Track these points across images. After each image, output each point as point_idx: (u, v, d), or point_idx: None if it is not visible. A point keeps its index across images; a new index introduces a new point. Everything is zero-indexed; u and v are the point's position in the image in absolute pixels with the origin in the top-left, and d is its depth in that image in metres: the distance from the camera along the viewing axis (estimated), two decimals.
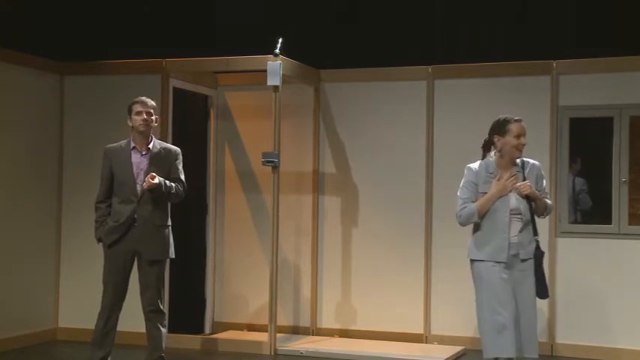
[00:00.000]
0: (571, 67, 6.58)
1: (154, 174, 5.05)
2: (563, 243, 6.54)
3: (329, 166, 7.22)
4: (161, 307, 5.25)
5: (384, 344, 6.71)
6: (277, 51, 6.33)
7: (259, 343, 6.52)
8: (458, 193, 4.77)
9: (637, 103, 6.36)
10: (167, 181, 5.15)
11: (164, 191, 5.10)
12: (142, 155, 5.18)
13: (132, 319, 5.79)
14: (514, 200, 4.63)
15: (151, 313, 5.20)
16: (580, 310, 6.49)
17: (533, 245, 4.65)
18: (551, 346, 6.54)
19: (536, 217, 4.70)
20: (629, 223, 6.32)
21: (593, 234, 6.47)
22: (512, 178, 4.62)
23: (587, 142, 6.64)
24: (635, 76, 6.39)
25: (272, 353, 6.41)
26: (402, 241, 6.97)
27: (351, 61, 7.19)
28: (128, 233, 5.12)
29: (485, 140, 4.81)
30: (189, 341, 6.71)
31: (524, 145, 4.70)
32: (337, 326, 7.13)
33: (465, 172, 4.80)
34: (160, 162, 5.20)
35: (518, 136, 4.67)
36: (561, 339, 6.53)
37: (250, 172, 7.29)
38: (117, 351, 5.29)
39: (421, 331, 6.88)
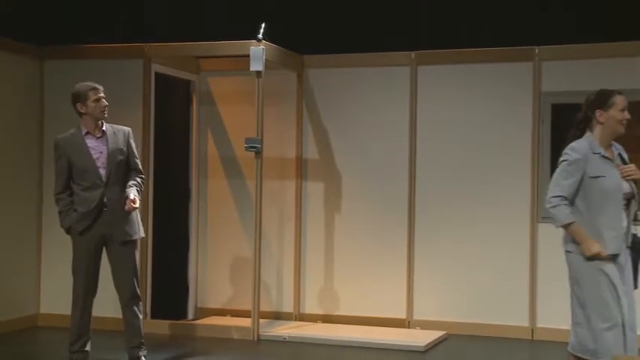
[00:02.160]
0: (553, 54, 6.64)
1: (132, 198, 5.05)
2: (544, 228, 6.59)
3: (312, 152, 7.25)
4: (138, 292, 5.25)
5: (366, 329, 6.76)
6: (260, 36, 6.33)
7: (242, 329, 6.55)
8: (554, 178, 4.31)
9: (619, 89, 6.31)
10: (138, 189, 5.18)
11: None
12: (97, 139, 5.16)
13: (109, 304, 5.82)
14: (626, 184, 4.23)
15: (129, 300, 5.20)
16: (560, 295, 6.55)
17: (632, 232, 4.27)
18: (532, 330, 6.64)
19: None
20: None
21: None
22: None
23: (568, 128, 6.67)
24: (616, 62, 6.45)
25: (255, 339, 6.44)
26: (385, 227, 7.02)
27: (334, 46, 7.18)
28: (99, 218, 5.10)
29: (579, 117, 4.39)
30: (173, 327, 6.74)
31: (628, 119, 4.29)
32: (320, 312, 7.18)
33: (568, 154, 4.27)
34: (117, 143, 5.19)
35: (623, 110, 4.26)
36: (542, 323, 6.62)
37: (233, 158, 7.31)
38: (93, 337, 5.31)
39: (404, 317, 6.95)
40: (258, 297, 6.49)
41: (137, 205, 5.08)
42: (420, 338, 6.43)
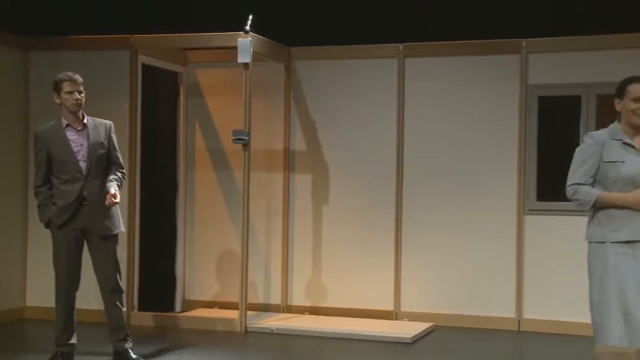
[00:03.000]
0: (540, 46, 6.68)
1: (113, 192, 5.01)
2: (530, 220, 6.67)
3: (300, 144, 7.26)
4: (120, 285, 5.22)
5: (354, 321, 6.79)
6: (248, 28, 6.33)
7: (230, 321, 6.57)
8: (570, 168, 4.27)
9: (604, 82, 6.40)
10: (119, 183, 5.15)
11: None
12: (77, 131, 5.11)
13: (93, 297, 5.77)
14: None
15: (111, 293, 5.17)
16: (547, 287, 6.63)
17: None
18: (519, 321, 6.69)
19: None
20: None
21: (560, 211, 6.54)
22: None
23: (555, 120, 6.74)
24: (603, 55, 6.49)
25: (243, 331, 6.46)
26: (373, 220, 7.04)
27: (322, 38, 7.17)
28: (79, 212, 5.05)
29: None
30: (160, 319, 6.75)
31: None
32: (308, 304, 7.20)
33: (583, 141, 4.28)
34: (98, 136, 5.15)
35: (637, 100, 4.08)
36: (528, 314, 6.67)
37: (221, 150, 7.31)
38: (78, 329, 5.32)
39: (391, 308, 6.98)
40: (246, 289, 6.50)
41: (117, 200, 5.03)
42: (408, 330, 6.46)
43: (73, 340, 5.19)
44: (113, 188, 5.05)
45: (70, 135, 5.10)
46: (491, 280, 6.75)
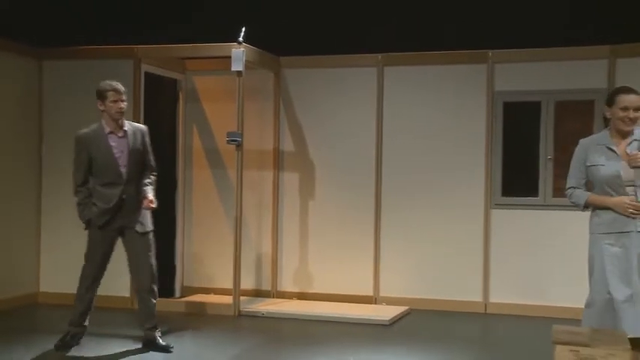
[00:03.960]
0: (505, 57, 6.75)
1: (151, 198, 5.02)
2: (496, 214, 6.77)
3: (288, 145, 7.29)
4: (156, 277, 5.18)
5: (337, 305, 6.82)
6: (241, 39, 6.35)
7: (225, 305, 6.59)
8: (569, 171, 4.30)
9: (562, 89, 6.58)
10: (153, 187, 5.14)
11: None
12: (119, 138, 5.06)
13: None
14: (626, 170, 4.09)
15: (149, 287, 5.15)
16: (511, 273, 6.72)
17: None
18: (485, 304, 6.79)
19: None
20: (554, 196, 6.53)
21: (523, 205, 6.69)
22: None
23: (518, 124, 6.78)
24: (561, 65, 6.60)
25: (236, 314, 6.49)
26: (355, 213, 7.09)
27: (309, 48, 7.21)
28: (117, 213, 5.02)
29: (604, 112, 4.29)
30: (162, 304, 6.47)
31: (632, 118, 4.09)
32: (295, 290, 7.24)
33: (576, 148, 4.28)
34: (137, 142, 5.11)
35: (625, 109, 4.08)
36: (494, 298, 6.77)
37: (216, 150, 7.34)
38: (92, 313, 5.32)
39: (371, 294, 7.04)
40: (239, 276, 6.52)
41: (155, 205, 5.04)
42: (386, 313, 6.49)
43: (86, 323, 5.19)
44: (151, 194, 5.04)
45: (112, 141, 5.03)
46: (461, 268, 6.82)
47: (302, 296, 7.21)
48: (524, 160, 6.79)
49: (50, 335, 5.51)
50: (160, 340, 5.25)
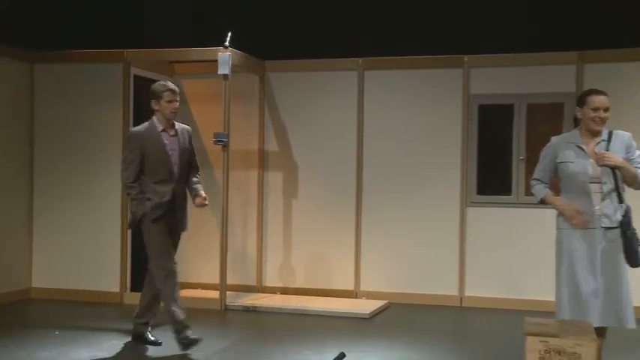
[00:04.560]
0: (480, 62, 6.82)
1: (205, 196, 5.01)
2: (471, 211, 6.83)
3: (273, 146, 7.30)
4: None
5: (319, 299, 6.86)
6: (227, 44, 6.36)
7: (212, 300, 6.59)
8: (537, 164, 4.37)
9: (533, 92, 6.67)
10: (201, 186, 5.12)
11: None
12: (171, 136, 4.99)
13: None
14: (594, 167, 4.13)
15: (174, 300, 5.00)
16: (485, 268, 6.78)
17: (620, 213, 4.12)
18: (461, 298, 6.85)
19: (623, 185, 4.18)
20: (526, 194, 6.58)
21: (496, 203, 6.76)
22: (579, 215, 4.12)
23: (492, 125, 6.84)
24: (532, 70, 6.67)
25: (222, 308, 6.51)
26: (336, 212, 7.12)
27: (293, 53, 7.22)
28: (169, 210, 4.95)
29: (574, 113, 4.32)
30: None
31: (602, 118, 4.14)
32: (279, 285, 7.26)
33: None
34: (185, 142, 5.07)
35: (595, 109, 4.13)
36: (469, 292, 6.83)
37: (203, 151, 7.23)
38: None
39: (352, 288, 7.07)
40: (225, 272, 6.53)
41: (207, 202, 5.01)
42: (366, 307, 6.53)
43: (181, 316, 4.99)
44: (203, 192, 5.04)
45: (166, 139, 4.97)
46: (437, 263, 6.87)
47: (286, 291, 7.23)
48: (498, 161, 6.87)
49: (44, 330, 5.50)
50: (191, 335, 5.02)
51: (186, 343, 4.91)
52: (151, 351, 5.12)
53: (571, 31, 6.70)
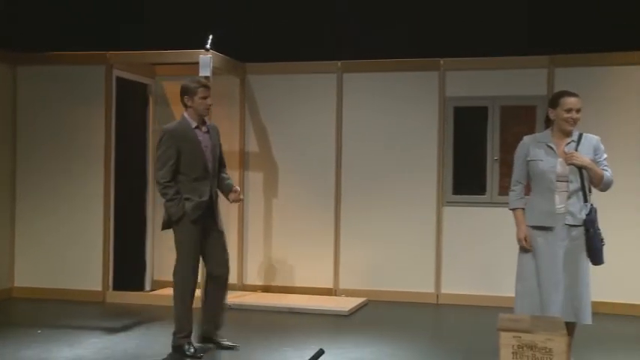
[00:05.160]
0: (455, 65, 6.86)
1: (239, 191, 4.92)
2: (447, 210, 6.87)
3: (253, 147, 7.30)
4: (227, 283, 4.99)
5: (300, 297, 6.86)
6: (208, 46, 6.36)
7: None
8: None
9: (507, 95, 6.73)
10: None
11: None
12: (203, 133, 4.85)
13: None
14: (562, 166, 4.20)
15: (225, 284, 4.93)
16: (461, 266, 6.83)
17: (585, 212, 4.18)
18: (437, 295, 6.88)
19: (589, 185, 4.24)
20: (500, 194, 6.65)
21: (471, 203, 6.81)
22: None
23: (467, 127, 6.89)
24: (506, 73, 6.74)
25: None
26: (316, 211, 7.13)
27: (273, 55, 7.22)
28: (208, 208, 4.80)
29: (546, 114, 4.39)
30: (132, 297, 6.78)
31: (575, 119, 4.22)
32: (260, 283, 7.26)
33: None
34: (216, 138, 4.95)
35: (568, 110, 4.20)
36: (445, 289, 6.87)
37: None
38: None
39: (331, 286, 7.09)
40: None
41: (242, 197, 4.82)
42: (345, 304, 6.55)
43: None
44: (236, 186, 4.93)
45: (200, 136, 4.82)
46: (414, 261, 6.90)
47: (266, 289, 7.23)
48: (473, 161, 6.91)
49: (27, 329, 5.46)
50: (222, 340, 5.01)
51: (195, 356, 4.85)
52: (134, 350, 5.08)
53: (543, 36, 6.78)
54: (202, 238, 4.82)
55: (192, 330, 4.90)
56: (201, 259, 4.94)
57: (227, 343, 5.02)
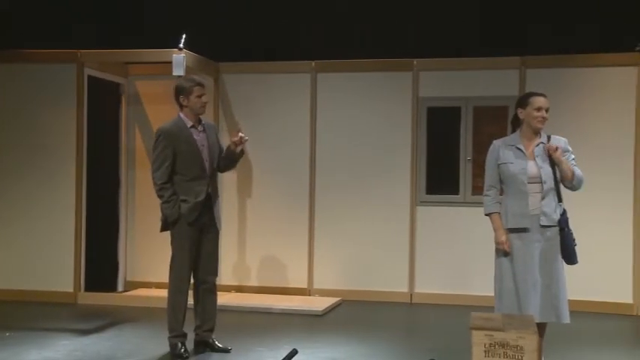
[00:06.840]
0: (428, 65, 6.89)
1: (241, 134, 4.76)
2: (421, 210, 6.90)
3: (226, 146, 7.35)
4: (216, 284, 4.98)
5: (274, 297, 6.85)
6: (181, 45, 6.33)
7: (165, 299, 6.28)
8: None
9: (479, 96, 6.77)
10: None
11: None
12: (199, 132, 4.79)
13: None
14: (533, 168, 4.24)
15: (213, 285, 4.90)
16: (434, 265, 6.86)
17: (559, 212, 4.23)
18: (411, 294, 6.91)
19: (561, 185, 4.29)
20: (473, 194, 6.70)
21: (445, 202, 6.84)
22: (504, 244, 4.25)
23: (440, 127, 6.91)
24: (478, 74, 6.79)
25: None
26: (290, 211, 7.11)
27: (246, 55, 7.21)
28: (204, 209, 4.74)
29: (513, 116, 4.44)
30: (105, 298, 6.73)
31: (545, 117, 4.27)
32: (234, 283, 7.22)
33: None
34: (213, 137, 4.89)
35: (538, 109, 4.25)
36: (419, 289, 6.90)
37: None
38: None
39: (305, 286, 7.09)
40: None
41: (246, 137, 4.71)
42: (319, 304, 6.56)
43: (184, 330, 4.86)
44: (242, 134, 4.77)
45: (195, 135, 4.76)
46: (388, 261, 6.91)
47: (240, 289, 7.21)
48: (446, 161, 6.94)
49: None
50: (218, 343, 4.96)
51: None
52: (106, 352, 5.03)
53: (515, 37, 6.84)
54: (199, 237, 4.80)
55: (184, 331, 4.87)
56: None
57: (220, 345, 4.99)
